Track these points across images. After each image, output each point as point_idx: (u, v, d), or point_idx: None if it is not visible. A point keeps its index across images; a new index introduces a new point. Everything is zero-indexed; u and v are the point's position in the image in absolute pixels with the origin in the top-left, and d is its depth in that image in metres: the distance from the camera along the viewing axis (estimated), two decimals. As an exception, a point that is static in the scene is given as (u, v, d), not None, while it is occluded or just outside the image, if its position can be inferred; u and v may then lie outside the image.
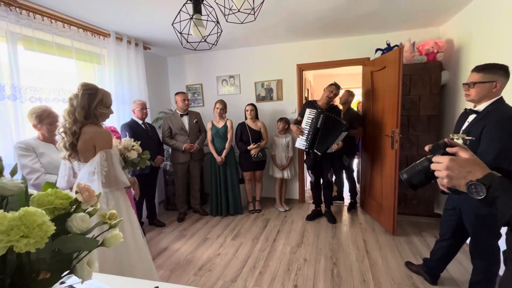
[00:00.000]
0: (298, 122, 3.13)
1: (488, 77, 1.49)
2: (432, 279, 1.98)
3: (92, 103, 1.47)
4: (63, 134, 1.46)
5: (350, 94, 3.54)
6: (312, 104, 3.12)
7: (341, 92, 3.37)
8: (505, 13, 1.99)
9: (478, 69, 1.55)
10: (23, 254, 0.48)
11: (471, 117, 1.60)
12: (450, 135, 1.73)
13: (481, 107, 1.55)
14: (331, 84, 2.99)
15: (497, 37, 2.10)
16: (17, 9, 2.03)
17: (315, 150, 2.94)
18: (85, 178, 1.46)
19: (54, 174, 1.80)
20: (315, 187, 3.26)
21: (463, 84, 1.63)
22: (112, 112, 1.60)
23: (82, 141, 1.45)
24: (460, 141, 1.57)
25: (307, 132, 2.95)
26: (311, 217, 3.25)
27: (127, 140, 1.83)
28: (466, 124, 1.64)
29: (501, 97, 1.52)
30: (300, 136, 3.01)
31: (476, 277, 1.68)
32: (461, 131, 1.65)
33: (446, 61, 2.95)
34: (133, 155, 1.79)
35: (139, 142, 1.92)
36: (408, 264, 2.22)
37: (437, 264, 1.96)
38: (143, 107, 2.95)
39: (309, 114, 2.96)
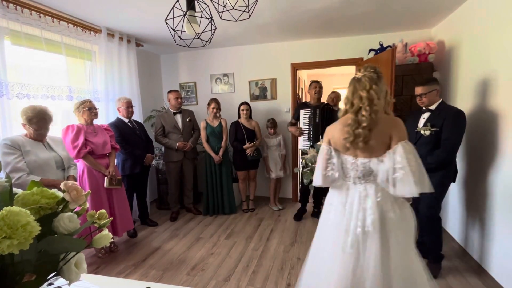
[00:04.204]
0: (293, 125, 3.22)
1: (431, 88, 2.03)
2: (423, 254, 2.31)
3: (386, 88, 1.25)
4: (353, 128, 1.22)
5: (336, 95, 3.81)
6: (304, 104, 3.23)
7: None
8: (495, 16, 2.03)
9: (422, 83, 2.09)
10: (5, 256, 0.46)
11: (427, 114, 2.09)
12: (418, 127, 2.10)
13: (433, 107, 2.07)
14: (311, 83, 3.16)
15: (486, 39, 2.14)
16: (4, 2, 1.96)
17: None
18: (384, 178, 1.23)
19: (37, 175, 1.74)
20: (307, 187, 3.25)
21: (416, 95, 2.12)
22: None
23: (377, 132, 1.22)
24: (428, 132, 2.00)
25: (307, 131, 3.05)
26: (299, 216, 3.25)
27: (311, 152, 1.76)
28: (422, 119, 2.10)
29: (442, 99, 2.07)
30: (301, 137, 3.10)
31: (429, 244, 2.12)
32: (420, 125, 2.09)
33: (437, 62, 2.99)
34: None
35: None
36: None
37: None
38: (129, 105, 2.83)
39: (304, 113, 3.09)
